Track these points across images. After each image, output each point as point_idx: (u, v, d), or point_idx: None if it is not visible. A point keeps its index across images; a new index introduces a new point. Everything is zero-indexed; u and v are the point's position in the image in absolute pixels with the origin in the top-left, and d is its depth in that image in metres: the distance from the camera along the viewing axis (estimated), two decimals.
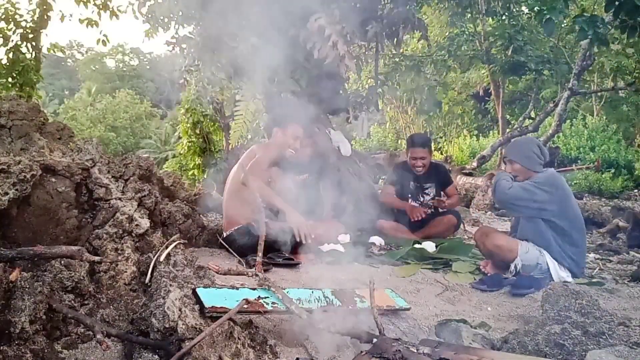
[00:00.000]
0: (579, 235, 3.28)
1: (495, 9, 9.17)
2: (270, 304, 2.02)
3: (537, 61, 9.44)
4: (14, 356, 1.61)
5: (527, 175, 3.33)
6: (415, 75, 10.39)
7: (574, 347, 1.92)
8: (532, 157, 3.31)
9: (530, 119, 10.97)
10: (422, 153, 4.52)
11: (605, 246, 4.70)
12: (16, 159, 2.27)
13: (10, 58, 6.19)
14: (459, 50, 9.98)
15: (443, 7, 9.70)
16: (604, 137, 13.12)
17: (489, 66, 10.99)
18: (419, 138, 4.76)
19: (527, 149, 3.34)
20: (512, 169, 3.40)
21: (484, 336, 2.21)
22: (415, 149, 4.55)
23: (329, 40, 3.96)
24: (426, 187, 4.63)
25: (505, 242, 3.31)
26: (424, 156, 4.52)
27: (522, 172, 3.34)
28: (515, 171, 3.38)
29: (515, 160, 3.37)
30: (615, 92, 13.52)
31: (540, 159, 3.32)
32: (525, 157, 3.32)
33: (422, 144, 4.57)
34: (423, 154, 4.52)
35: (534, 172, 3.30)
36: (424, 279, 3.32)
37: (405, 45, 11.83)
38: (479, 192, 8.08)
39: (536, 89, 12.72)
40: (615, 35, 8.45)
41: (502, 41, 9.49)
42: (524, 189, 3.20)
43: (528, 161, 3.32)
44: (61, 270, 2.01)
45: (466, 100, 17.94)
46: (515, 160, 3.37)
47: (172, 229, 3.51)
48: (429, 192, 4.64)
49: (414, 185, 4.64)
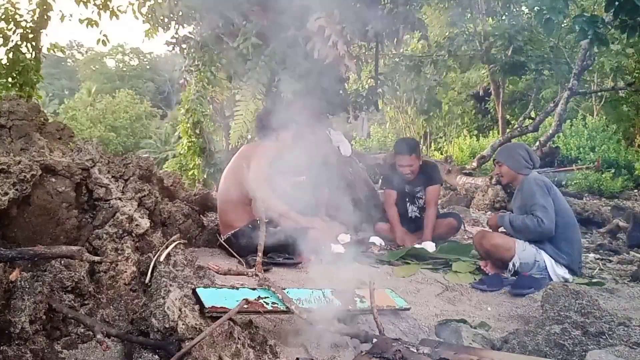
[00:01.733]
0: (573, 231, 3.34)
1: (495, 9, 9.18)
2: (270, 304, 2.02)
3: (537, 61, 9.44)
4: (14, 356, 1.61)
5: (512, 177, 3.52)
6: (415, 75, 10.38)
7: (574, 347, 1.92)
8: (520, 160, 3.47)
9: (530, 119, 10.96)
10: (408, 161, 4.37)
11: (605, 246, 4.70)
12: (16, 159, 2.27)
13: (10, 58, 6.19)
14: (459, 50, 9.97)
15: (443, 7, 9.70)
16: (604, 137, 13.11)
17: (489, 66, 11.00)
18: (404, 145, 4.52)
19: (515, 152, 3.51)
20: (499, 171, 3.59)
21: (484, 336, 2.21)
22: (400, 157, 4.42)
23: (329, 40, 3.96)
24: (417, 191, 4.55)
25: (502, 240, 3.34)
26: (411, 163, 4.38)
27: (508, 174, 3.53)
28: (502, 173, 3.56)
29: (503, 162, 3.53)
30: (615, 92, 13.51)
31: (528, 163, 3.46)
32: (513, 160, 3.48)
33: (408, 151, 4.39)
34: (409, 162, 4.37)
35: (519, 174, 3.47)
36: (424, 279, 3.33)
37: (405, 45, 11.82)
38: (479, 192, 8.08)
39: (536, 89, 12.72)
40: (615, 35, 8.46)
41: (502, 41, 9.49)
42: (544, 207, 3.22)
43: (515, 163, 3.48)
44: (61, 270, 2.02)
45: (466, 100, 17.94)
46: (503, 162, 3.53)
47: (172, 229, 3.51)
48: (420, 196, 4.55)
49: (408, 189, 4.57)
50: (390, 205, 4.54)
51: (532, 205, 3.25)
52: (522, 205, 3.38)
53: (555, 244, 3.26)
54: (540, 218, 3.18)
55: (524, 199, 3.35)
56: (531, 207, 3.25)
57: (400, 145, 4.57)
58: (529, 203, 3.28)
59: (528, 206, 3.28)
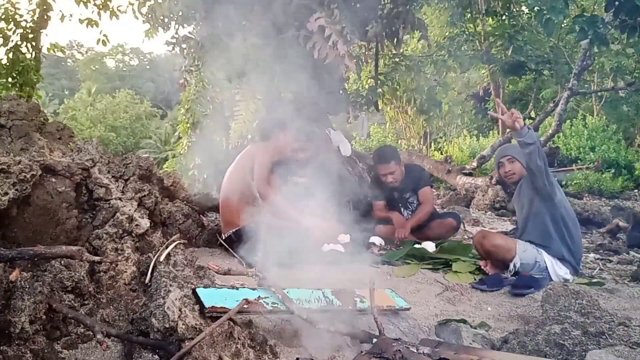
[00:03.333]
0: (574, 228, 3.34)
1: (495, 9, 9.17)
2: (270, 304, 2.02)
3: (537, 61, 9.44)
4: (14, 356, 1.61)
5: (523, 173, 3.45)
6: (415, 75, 10.37)
7: (574, 347, 1.92)
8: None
9: (530, 119, 10.97)
10: (389, 168, 4.35)
11: (605, 246, 4.70)
12: (16, 159, 2.27)
13: (10, 58, 6.18)
14: (459, 50, 9.95)
15: (443, 7, 9.70)
16: (604, 137, 13.11)
17: (489, 66, 10.99)
18: (382, 154, 4.51)
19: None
20: (511, 167, 3.51)
21: (484, 336, 2.21)
22: (381, 166, 4.41)
23: (329, 40, 3.96)
24: (406, 196, 4.56)
25: (503, 241, 3.34)
26: (393, 170, 4.36)
27: (519, 170, 3.47)
28: (514, 169, 3.49)
29: (516, 158, 3.47)
30: (615, 92, 13.51)
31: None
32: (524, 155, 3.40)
33: (387, 159, 4.38)
34: (391, 169, 4.36)
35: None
36: (424, 279, 3.32)
37: (405, 45, 11.81)
38: (479, 192, 8.08)
39: (536, 89, 12.72)
40: (615, 35, 8.45)
41: (502, 41, 9.49)
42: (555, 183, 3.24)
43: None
44: (61, 270, 2.02)
45: (466, 100, 17.93)
46: (516, 158, 3.46)
47: (172, 229, 3.51)
48: (412, 201, 4.57)
49: (398, 196, 4.58)
50: (380, 211, 4.58)
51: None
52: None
53: (561, 239, 3.26)
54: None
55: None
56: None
57: (378, 154, 4.57)
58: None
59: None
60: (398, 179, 4.42)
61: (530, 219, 3.39)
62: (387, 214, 4.54)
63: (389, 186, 4.47)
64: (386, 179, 4.40)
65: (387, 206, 4.62)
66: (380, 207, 4.61)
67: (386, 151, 4.60)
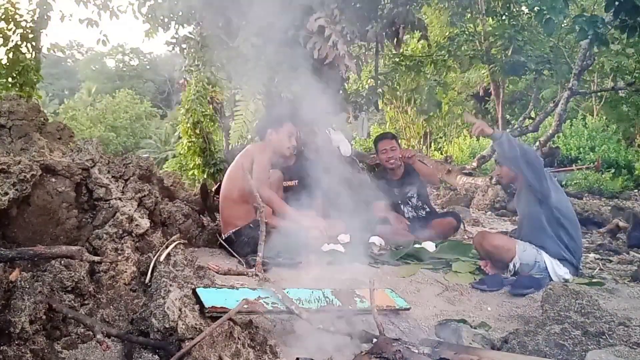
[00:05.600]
0: (573, 229, 3.34)
1: (495, 9, 9.17)
2: (270, 304, 2.02)
3: (537, 61, 9.42)
4: (14, 356, 1.61)
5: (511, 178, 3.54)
6: (415, 75, 10.36)
7: (574, 347, 1.92)
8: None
9: (530, 119, 10.95)
10: (389, 144, 4.57)
11: (605, 246, 4.69)
12: (16, 159, 2.27)
13: (10, 58, 6.17)
14: (459, 50, 9.94)
15: (443, 7, 9.68)
16: (604, 137, 13.11)
17: (489, 66, 10.97)
18: (383, 134, 4.95)
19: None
20: (499, 171, 3.61)
21: (484, 336, 2.21)
22: (382, 142, 4.61)
23: (329, 40, 3.96)
24: (407, 191, 4.61)
25: (502, 241, 3.35)
26: (392, 146, 4.56)
27: (506, 173, 3.54)
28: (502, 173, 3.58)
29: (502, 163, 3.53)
30: (615, 92, 13.49)
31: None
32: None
33: (387, 137, 4.69)
34: (390, 145, 4.56)
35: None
36: (424, 279, 3.32)
37: (405, 45, 11.80)
38: (479, 192, 8.08)
39: (536, 89, 12.70)
40: (615, 35, 8.45)
41: (502, 41, 9.48)
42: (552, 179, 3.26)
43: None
44: (61, 270, 2.02)
45: (466, 100, 17.92)
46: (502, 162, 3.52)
47: (172, 229, 3.51)
48: (412, 195, 4.63)
49: (398, 192, 4.62)
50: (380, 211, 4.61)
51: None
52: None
53: (559, 238, 3.26)
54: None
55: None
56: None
57: (379, 135, 4.97)
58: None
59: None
60: (397, 158, 4.53)
61: (526, 219, 3.42)
62: (387, 214, 4.55)
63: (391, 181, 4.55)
64: (387, 156, 4.53)
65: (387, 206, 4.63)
66: (380, 207, 4.62)
67: (387, 133, 5.02)
